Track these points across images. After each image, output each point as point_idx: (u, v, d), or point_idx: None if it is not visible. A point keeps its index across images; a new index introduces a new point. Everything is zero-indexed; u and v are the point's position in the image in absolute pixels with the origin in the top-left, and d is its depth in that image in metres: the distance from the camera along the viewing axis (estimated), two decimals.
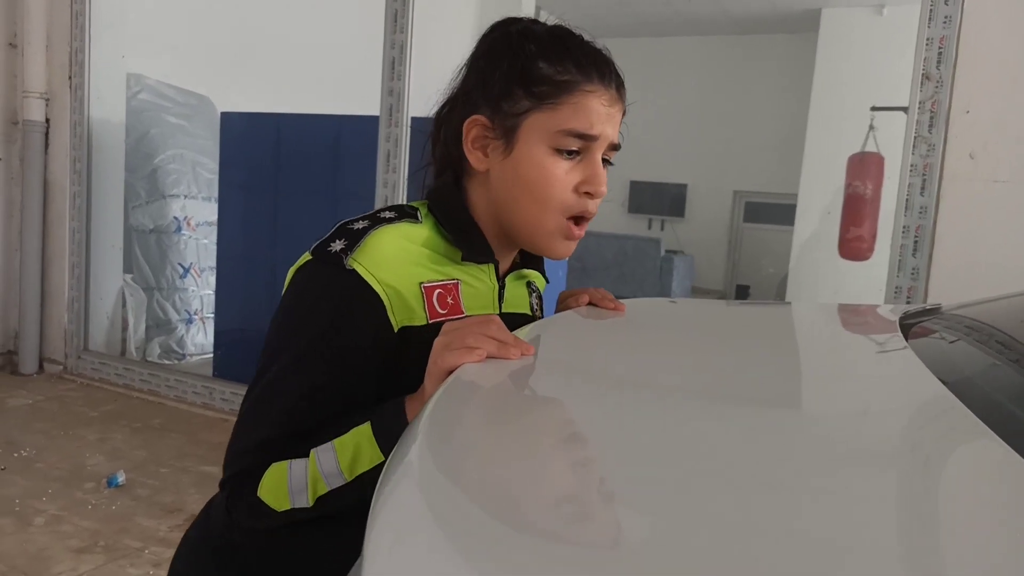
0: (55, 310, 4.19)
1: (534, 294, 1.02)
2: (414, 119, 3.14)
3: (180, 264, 4.66)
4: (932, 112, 2.27)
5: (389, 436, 0.71)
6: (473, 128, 0.85)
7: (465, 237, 0.85)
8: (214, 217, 4.46)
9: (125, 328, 4.42)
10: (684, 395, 0.67)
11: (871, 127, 5.97)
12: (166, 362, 4.48)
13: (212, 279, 4.60)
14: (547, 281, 1.06)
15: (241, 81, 4.65)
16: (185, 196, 4.67)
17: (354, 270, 0.77)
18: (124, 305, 4.42)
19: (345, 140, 3.51)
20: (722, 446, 0.52)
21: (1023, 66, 2.17)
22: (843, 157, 6.07)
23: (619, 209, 9.36)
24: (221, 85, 4.73)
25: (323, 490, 0.74)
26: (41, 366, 4.20)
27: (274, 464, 0.75)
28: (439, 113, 0.90)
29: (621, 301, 1.03)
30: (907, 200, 2.32)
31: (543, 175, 0.82)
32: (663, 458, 0.49)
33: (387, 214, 0.84)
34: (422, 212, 0.86)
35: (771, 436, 0.55)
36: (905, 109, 5.69)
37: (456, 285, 0.85)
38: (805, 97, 7.73)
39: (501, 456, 0.49)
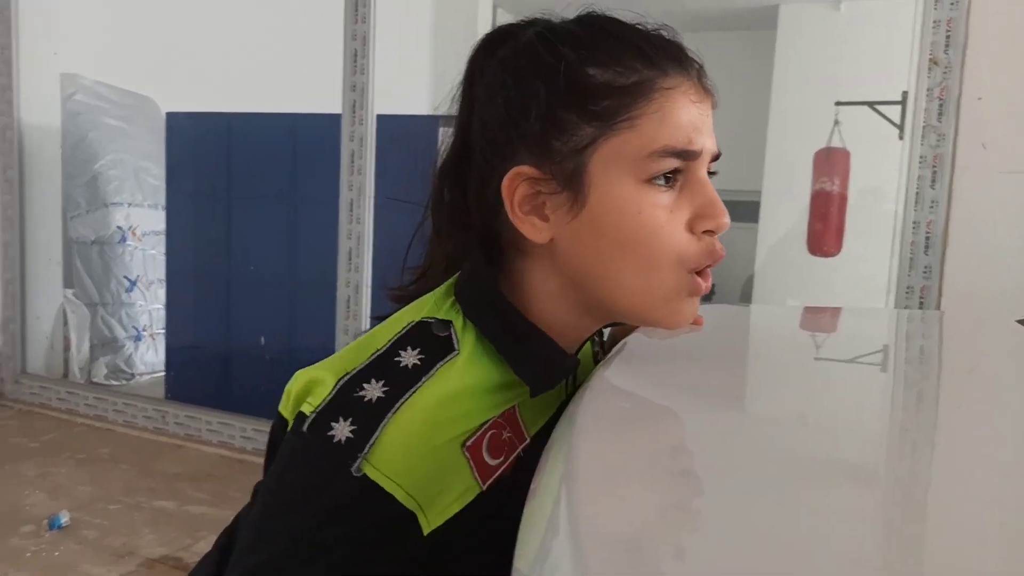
0: None
1: (596, 339, 0.79)
2: (380, 116, 2.91)
3: (126, 277, 4.34)
4: (941, 100, 2.14)
5: None
6: (518, 187, 0.61)
7: (529, 363, 0.61)
8: (161, 226, 4.16)
9: (67, 348, 4.09)
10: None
11: (836, 122, 5.93)
12: (113, 383, 4.16)
13: (161, 292, 4.30)
14: None
15: (187, 79, 4.35)
16: (129, 204, 4.35)
17: (366, 476, 0.54)
18: (66, 323, 4.09)
19: (304, 140, 3.27)
20: None
21: None
22: (807, 153, 6.02)
23: None
24: (164, 84, 4.42)
25: None
26: None
27: None
28: (444, 168, 0.68)
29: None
30: (916, 194, 2.18)
31: (639, 223, 0.59)
32: None
33: (411, 357, 0.59)
34: (456, 326, 0.62)
35: None
36: (871, 104, 5.62)
37: (513, 411, 0.61)
38: (765, 94, 7.69)
39: None
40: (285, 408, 0.61)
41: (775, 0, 7.66)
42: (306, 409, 0.58)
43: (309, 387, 0.60)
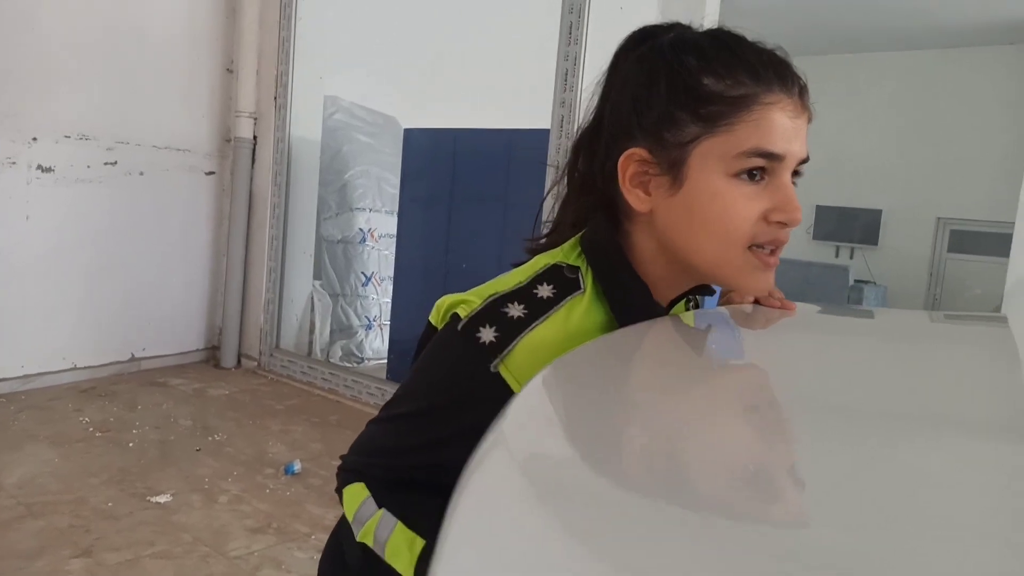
0: (253, 310, 4.58)
1: (691, 303, 0.91)
2: None
3: (363, 273, 4.95)
4: None
5: None
6: (631, 164, 0.75)
7: (623, 303, 0.76)
8: (395, 230, 4.70)
9: (312, 330, 4.74)
10: None
11: None
12: (346, 364, 4.75)
13: (390, 288, 4.84)
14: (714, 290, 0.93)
15: (423, 99, 4.88)
16: (370, 209, 4.96)
17: (499, 375, 0.71)
18: (312, 309, 4.74)
19: (517, 153, 3.57)
20: None
21: None
22: None
23: (803, 236, 8.84)
24: (405, 104, 4.99)
25: (368, 543, 0.75)
26: (239, 361, 4.60)
27: (359, 484, 0.77)
28: (579, 141, 0.82)
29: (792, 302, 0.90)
30: None
31: (722, 207, 0.72)
32: None
33: (546, 291, 0.75)
34: (583, 271, 0.76)
35: None
36: None
37: None
38: None
39: None
40: (435, 318, 0.80)
41: None
42: (461, 312, 0.75)
43: (459, 303, 0.77)
